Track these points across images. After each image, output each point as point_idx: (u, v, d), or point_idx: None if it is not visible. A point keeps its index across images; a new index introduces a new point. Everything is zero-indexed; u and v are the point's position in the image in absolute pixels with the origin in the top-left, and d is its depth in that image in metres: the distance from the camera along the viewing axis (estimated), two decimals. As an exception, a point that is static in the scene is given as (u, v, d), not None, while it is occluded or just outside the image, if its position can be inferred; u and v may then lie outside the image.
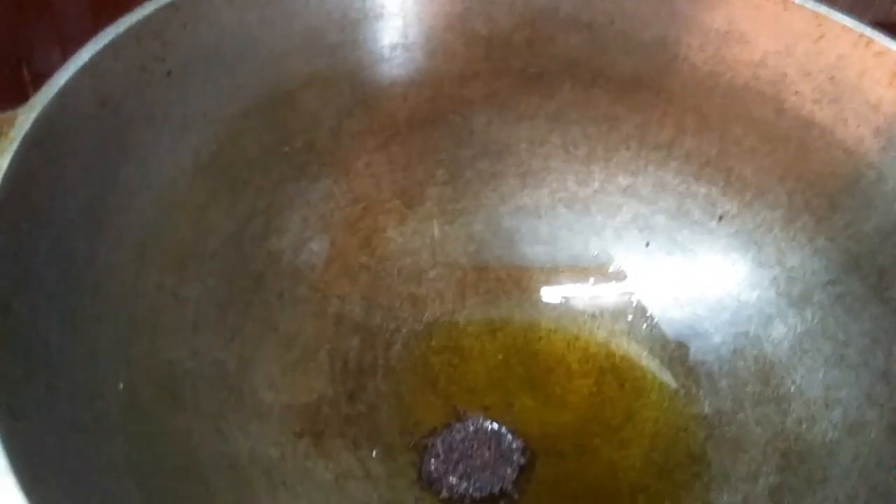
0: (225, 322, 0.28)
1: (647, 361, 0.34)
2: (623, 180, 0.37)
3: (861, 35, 0.30)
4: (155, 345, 0.25)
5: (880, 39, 0.30)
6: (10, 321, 0.19)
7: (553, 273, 0.36)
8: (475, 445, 0.30)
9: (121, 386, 0.22)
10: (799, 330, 0.32)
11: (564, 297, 0.36)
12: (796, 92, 0.33)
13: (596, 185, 0.37)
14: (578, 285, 0.36)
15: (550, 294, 0.36)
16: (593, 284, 0.36)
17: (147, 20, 0.27)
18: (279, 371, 0.29)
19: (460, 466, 0.29)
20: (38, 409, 0.19)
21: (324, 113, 0.34)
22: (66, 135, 0.24)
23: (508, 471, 0.29)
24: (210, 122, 0.30)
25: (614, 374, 0.33)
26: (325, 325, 0.32)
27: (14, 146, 0.21)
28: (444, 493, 0.29)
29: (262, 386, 0.28)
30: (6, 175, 0.21)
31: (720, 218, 0.35)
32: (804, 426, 0.30)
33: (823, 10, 0.31)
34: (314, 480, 0.27)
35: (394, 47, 0.34)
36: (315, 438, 0.28)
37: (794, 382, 0.31)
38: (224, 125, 0.31)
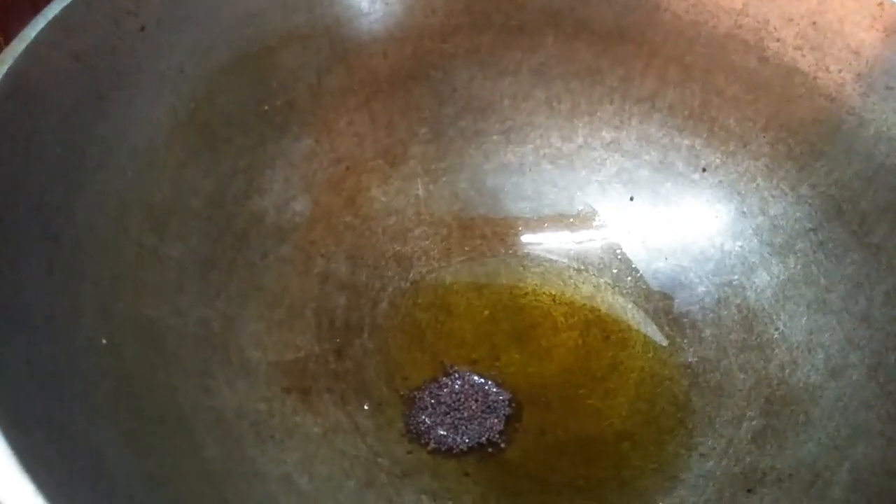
0: (209, 281, 0.28)
1: (632, 313, 0.34)
2: (607, 134, 0.36)
3: (842, -23, 0.30)
4: (137, 302, 0.25)
5: (861, -19, 0.30)
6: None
7: (538, 229, 0.36)
8: (462, 398, 0.30)
9: (104, 341, 0.22)
10: (782, 277, 0.32)
11: (549, 253, 0.36)
12: (778, 39, 0.32)
13: (580, 140, 0.37)
14: (563, 240, 0.36)
15: (535, 250, 0.36)
16: (578, 239, 0.36)
17: (117, -27, 0.26)
18: (265, 329, 0.29)
19: (448, 418, 0.29)
20: (20, 363, 0.19)
21: (303, 70, 0.33)
22: (40, 89, 0.24)
23: (495, 421, 0.29)
24: (187, 79, 0.30)
25: (599, 326, 0.33)
26: (311, 284, 0.32)
27: (-16, 99, 0.21)
28: (433, 445, 0.29)
29: (249, 344, 0.28)
30: (-23, 128, 0.20)
31: (704, 169, 0.35)
32: (787, 371, 0.30)
33: (805, -47, 0.31)
34: (302, 434, 0.27)
35: (372, 1, 0.34)
36: (303, 394, 0.28)
37: (777, 329, 0.31)
38: (201, 82, 0.30)
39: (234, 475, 0.23)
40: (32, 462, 0.15)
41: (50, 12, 0.25)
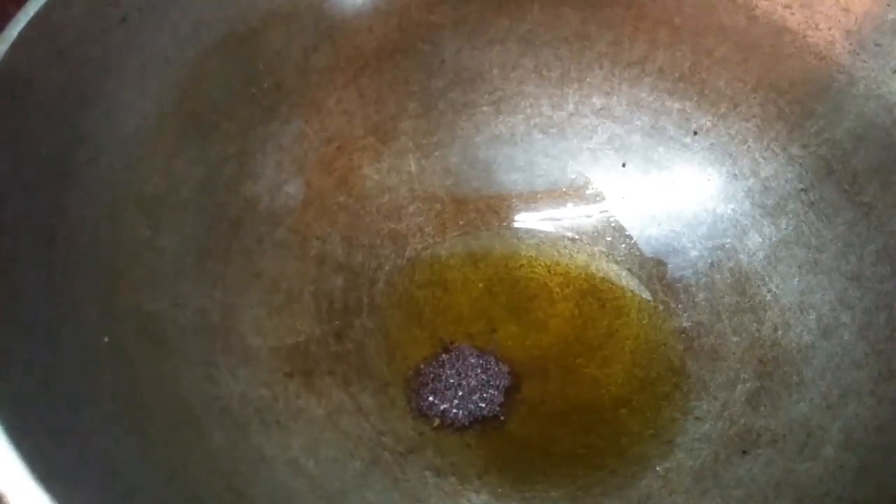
0: (205, 270, 0.28)
1: (627, 281, 0.34)
2: (597, 101, 0.36)
3: (830, -66, 0.29)
4: (136, 296, 0.25)
5: (849, -62, 0.29)
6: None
7: (531, 200, 0.36)
8: (462, 373, 0.30)
9: (106, 339, 0.22)
10: (774, 239, 0.32)
11: (543, 224, 0.36)
12: (767, -2, 0.32)
13: (570, 107, 0.36)
14: (557, 210, 0.36)
15: (529, 221, 0.36)
16: (572, 208, 0.36)
17: (95, -36, 0.26)
18: (265, 315, 0.30)
19: (449, 394, 0.30)
20: (22, 367, 0.19)
21: (289, 50, 0.33)
22: (25, 86, 0.24)
23: (495, 394, 0.30)
24: (171, 67, 0.29)
25: (595, 295, 0.34)
26: (308, 266, 0.32)
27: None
28: (436, 421, 0.29)
29: (249, 331, 0.29)
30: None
31: (695, 133, 0.35)
32: (780, 332, 0.31)
33: None
34: (307, 417, 0.27)
35: (355, -24, 0.33)
36: (305, 377, 0.29)
37: (769, 291, 0.32)
38: (186, 69, 0.30)
39: (242, 463, 0.24)
40: (41, 467, 0.15)
41: (31, 9, 0.24)
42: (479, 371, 0.31)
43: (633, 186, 0.36)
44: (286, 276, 0.31)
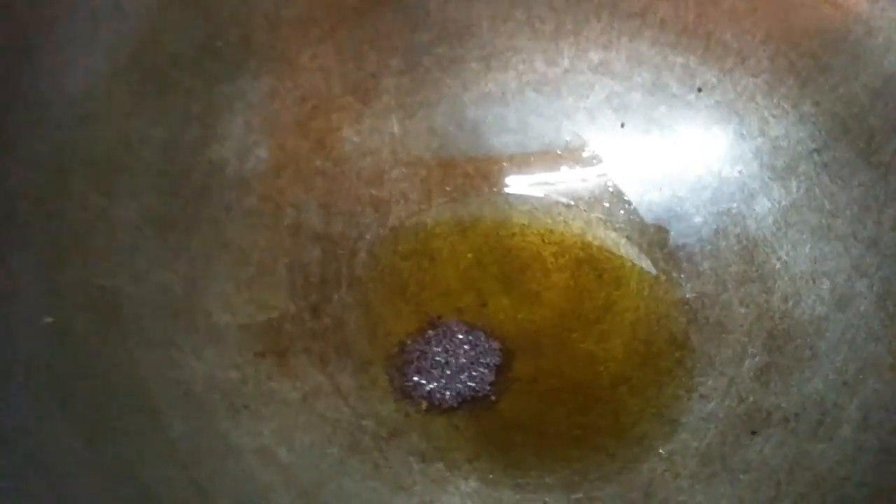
0: (167, 241, 0.27)
1: (626, 249, 0.33)
2: (595, 56, 0.34)
3: None
4: (86, 271, 0.23)
5: None
6: None
7: (524, 163, 0.35)
8: (450, 350, 0.29)
9: (49, 320, 0.20)
10: (784, 203, 0.31)
11: (537, 189, 0.34)
12: (780, -60, 0.30)
13: (566, 63, 0.35)
14: (551, 174, 0.35)
15: (522, 186, 0.34)
16: (567, 172, 0.35)
17: None
18: (234, 290, 0.28)
19: (435, 372, 0.29)
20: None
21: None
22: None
23: (485, 372, 0.29)
24: (125, 16, 0.27)
25: (591, 265, 0.32)
26: (282, 237, 0.30)
27: None
28: (421, 403, 0.28)
29: (216, 307, 0.27)
30: None
31: (699, 89, 0.33)
32: (790, 303, 0.29)
33: None
34: (280, 401, 0.26)
35: (328, -83, 0.31)
36: (278, 357, 0.27)
37: (779, 259, 0.30)
38: (142, 19, 0.28)
39: (205, 453, 0.22)
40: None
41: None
42: (468, 348, 0.29)
43: (632, 148, 0.34)
44: (257, 248, 0.29)
